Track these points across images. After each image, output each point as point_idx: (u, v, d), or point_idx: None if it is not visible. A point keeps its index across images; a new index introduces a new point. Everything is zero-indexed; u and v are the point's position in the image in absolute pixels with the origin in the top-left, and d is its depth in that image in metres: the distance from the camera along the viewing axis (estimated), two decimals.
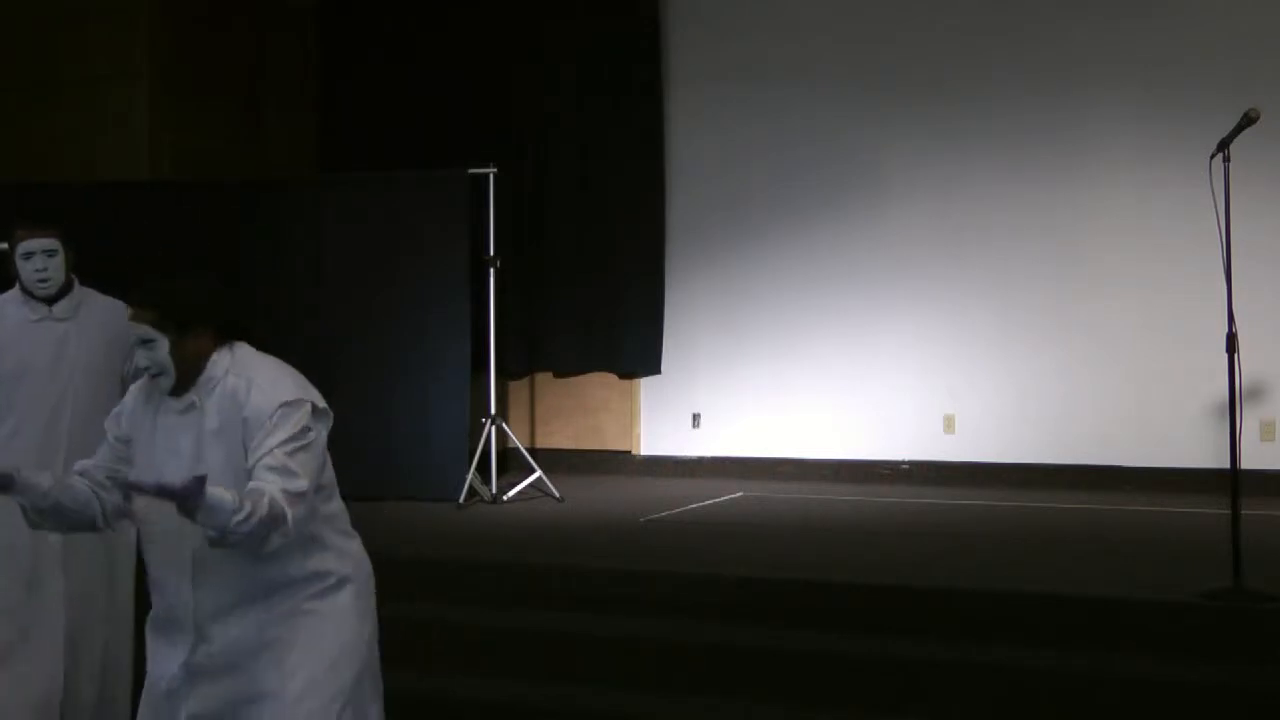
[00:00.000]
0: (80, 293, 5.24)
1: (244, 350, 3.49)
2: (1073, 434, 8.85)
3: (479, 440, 8.46)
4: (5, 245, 6.51)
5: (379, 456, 8.38)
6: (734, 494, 8.71)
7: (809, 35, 9.57)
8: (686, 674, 5.44)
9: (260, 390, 3.37)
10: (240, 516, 3.12)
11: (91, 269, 8.49)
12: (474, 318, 8.57)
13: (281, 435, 3.31)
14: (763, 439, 9.59)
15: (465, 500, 8.25)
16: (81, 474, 3.52)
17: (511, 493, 8.53)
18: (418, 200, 8.72)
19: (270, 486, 3.22)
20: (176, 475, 3.25)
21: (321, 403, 3.46)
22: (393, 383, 8.55)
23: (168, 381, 3.41)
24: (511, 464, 9.11)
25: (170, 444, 3.43)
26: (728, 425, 9.74)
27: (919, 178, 9.30)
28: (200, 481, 3.09)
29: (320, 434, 3.43)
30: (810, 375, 9.50)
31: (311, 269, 8.72)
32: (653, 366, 9.92)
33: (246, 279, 8.71)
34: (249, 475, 3.30)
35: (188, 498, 3.09)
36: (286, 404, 3.36)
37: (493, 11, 10.24)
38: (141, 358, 3.42)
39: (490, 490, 8.46)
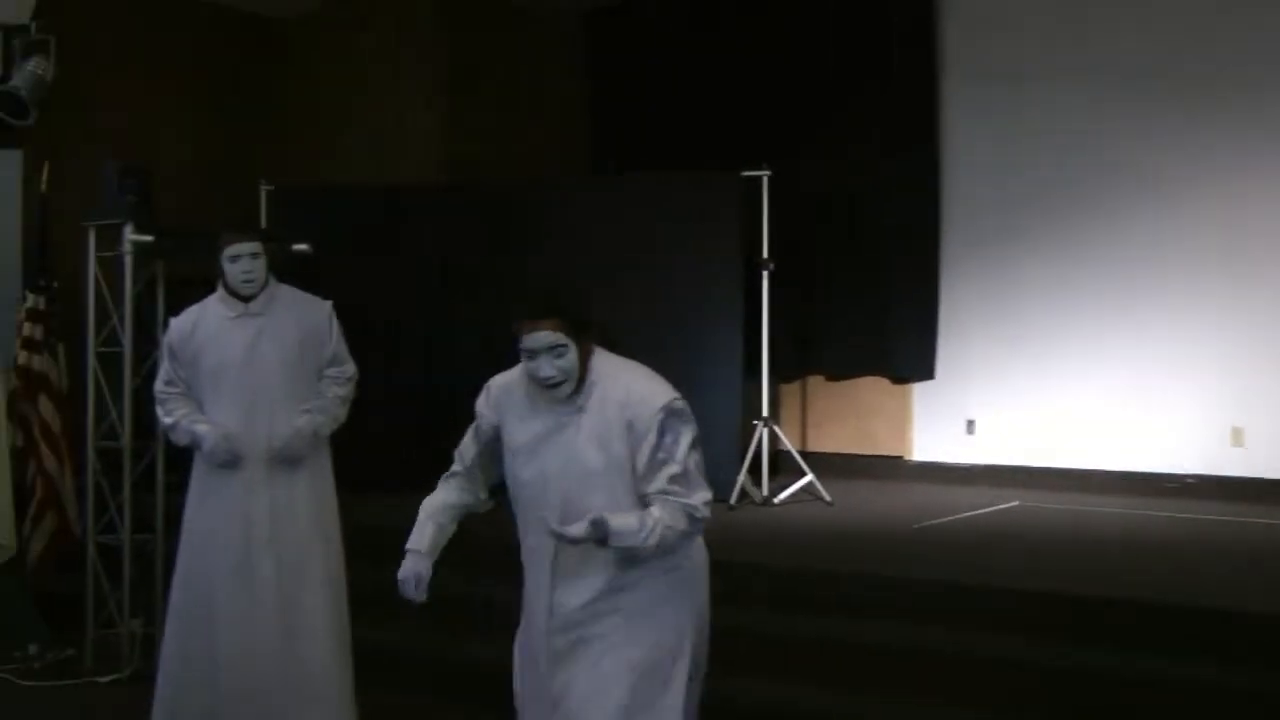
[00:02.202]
0: (274, 289, 5.48)
1: (605, 354, 3.67)
2: None
3: (751, 442, 8.50)
4: (307, 247, 6.89)
5: None
6: (1009, 503, 8.54)
7: (1087, 31, 9.27)
8: (955, 685, 5.37)
9: (639, 393, 3.57)
10: (644, 536, 3.44)
11: (378, 268, 8.94)
12: (747, 320, 8.61)
13: (680, 448, 3.53)
14: (1039, 447, 9.34)
15: (736, 502, 8.30)
16: (452, 476, 3.88)
17: (783, 495, 8.55)
18: (691, 202, 8.78)
19: (681, 500, 3.50)
20: (554, 464, 3.59)
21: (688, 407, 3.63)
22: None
23: (569, 389, 3.58)
24: (783, 466, 9.12)
25: (552, 436, 3.62)
26: (1003, 432, 9.53)
27: (1202, 181, 8.93)
28: (600, 525, 3.40)
29: (696, 432, 3.61)
30: (1089, 382, 9.21)
31: (585, 271, 8.87)
32: (926, 371, 9.79)
33: (521, 280, 8.94)
34: (632, 475, 3.53)
35: (597, 540, 3.42)
36: (669, 408, 3.56)
37: (765, 12, 10.26)
38: (547, 367, 3.53)
39: (761, 492, 8.49)
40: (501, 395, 3.75)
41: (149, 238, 6.79)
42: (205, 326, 5.41)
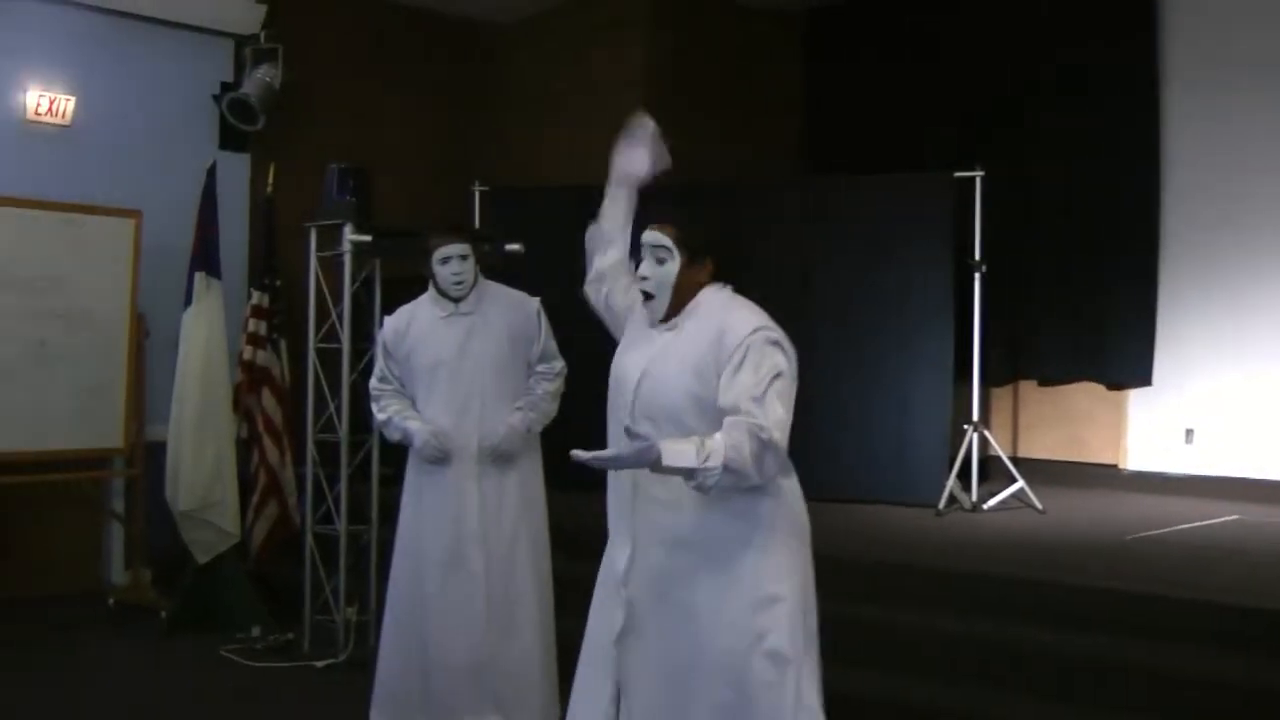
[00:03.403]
0: (484, 286, 5.58)
1: (731, 292, 3.67)
2: None
3: (960, 447, 8.38)
4: (519, 246, 7.02)
5: (857, 459, 8.44)
6: (1228, 516, 8.25)
7: None
8: (1168, 703, 5.22)
9: (741, 318, 3.52)
10: (704, 458, 3.24)
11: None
12: (958, 322, 8.50)
13: (763, 371, 3.40)
14: (1262, 459, 8.96)
15: (944, 507, 8.19)
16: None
17: (992, 502, 8.40)
18: (902, 203, 8.70)
19: (748, 420, 3.32)
20: (635, 367, 3.60)
21: (792, 349, 3.53)
22: (874, 386, 8.58)
23: (660, 306, 3.62)
24: (992, 472, 8.96)
25: (643, 347, 3.66)
26: (1224, 442, 9.19)
27: None
28: (646, 444, 3.22)
29: (794, 374, 3.49)
30: None
31: (796, 271, 8.86)
32: (1143, 377, 9.50)
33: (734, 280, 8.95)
34: (715, 397, 3.42)
35: (641, 462, 3.25)
36: (764, 332, 3.48)
37: (978, 10, 10.10)
38: (646, 269, 3.63)
39: (970, 498, 8.36)
40: (631, 303, 3.82)
41: (367, 238, 6.99)
42: (418, 325, 5.55)
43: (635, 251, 3.78)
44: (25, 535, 8.25)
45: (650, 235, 3.65)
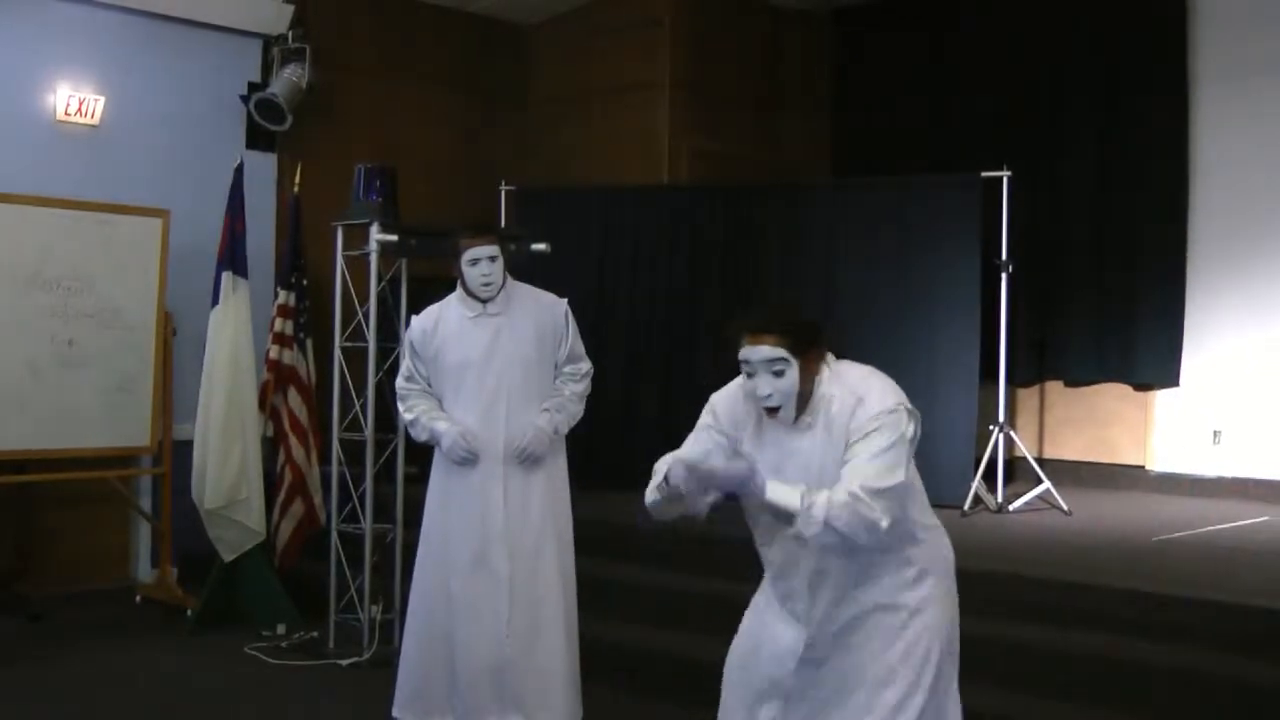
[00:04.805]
0: (512, 288, 5.57)
1: (836, 363, 3.58)
2: None
3: (985, 448, 8.35)
4: (545, 246, 7.02)
5: None
6: (1257, 518, 8.20)
7: None
8: (1194, 707, 5.19)
9: (866, 407, 3.46)
10: (804, 508, 3.27)
11: (617, 267, 9.07)
12: (984, 323, 8.47)
13: (879, 442, 3.40)
14: None
15: (969, 508, 8.17)
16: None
17: (1017, 503, 8.38)
18: (930, 203, 8.68)
19: (850, 484, 3.32)
20: (795, 475, 3.44)
21: (910, 405, 3.53)
22: (900, 385, 8.53)
23: (789, 414, 3.47)
24: (1018, 473, 8.94)
25: (786, 449, 3.53)
26: (1252, 443, 9.15)
27: None
28: (750, 474, 3.24)
29: (914, 435, 3.50)
30: None
31: (824, 271, 8.85)
32: (1170, 378, 9.46)
33: (761, 280, 8.95)
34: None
35: (743, 484, 3.27)
36: (887, 412, 3.45)
37: (1008, 11, 10.07)
38: (765, 385, 3.43)
39: (996, 499, 8.34)
40: (730, 412, 3.66)
41: (393, 237, 6.99)
42: (446, 325, 5.55)
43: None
44: (54, 533, 8.32)
45: (757, 351, 3.42)
